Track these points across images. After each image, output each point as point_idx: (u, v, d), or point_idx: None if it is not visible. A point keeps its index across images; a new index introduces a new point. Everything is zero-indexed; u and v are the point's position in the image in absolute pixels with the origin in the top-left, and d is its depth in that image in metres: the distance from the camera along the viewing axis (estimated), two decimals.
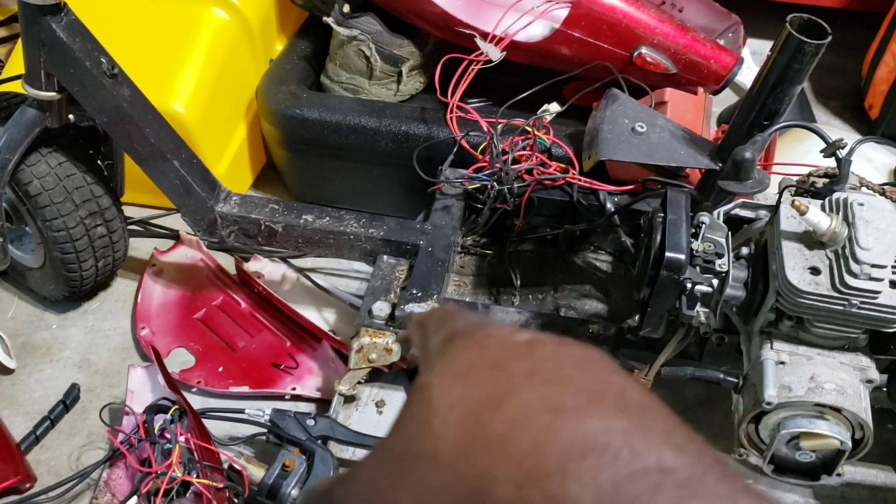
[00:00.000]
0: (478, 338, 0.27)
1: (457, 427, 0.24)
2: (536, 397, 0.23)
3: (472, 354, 0.26)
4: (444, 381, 0.25)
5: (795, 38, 0.82)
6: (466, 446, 0.23)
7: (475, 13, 1.48)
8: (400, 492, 0.24)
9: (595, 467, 0.21)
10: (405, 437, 0.26)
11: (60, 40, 1.03)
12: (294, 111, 1.43)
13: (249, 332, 1.31)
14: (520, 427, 0.23)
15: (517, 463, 0.22)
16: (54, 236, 1.20)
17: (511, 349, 0.26)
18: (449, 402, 0.24)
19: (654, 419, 0.23)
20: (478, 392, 0.24)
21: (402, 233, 1.19)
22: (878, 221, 0.80)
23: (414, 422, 0.25)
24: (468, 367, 0.25)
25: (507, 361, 0.25)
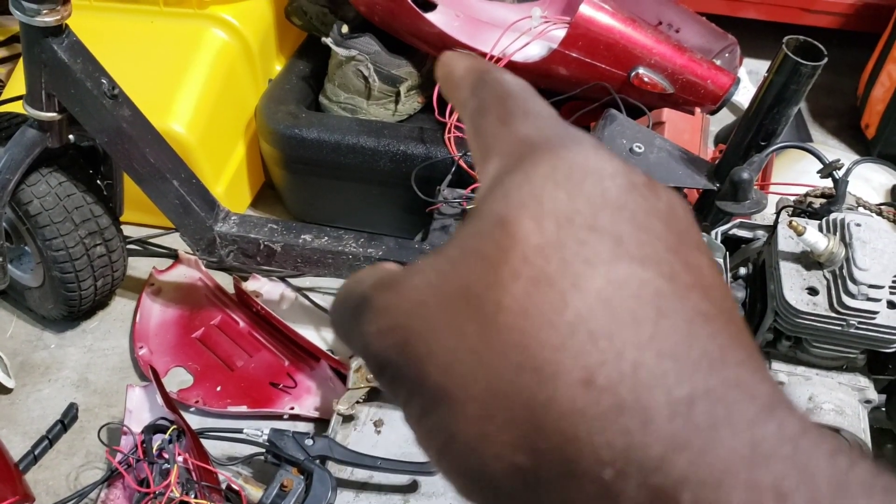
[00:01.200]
0: (568, 169, 0.22)
1: (527, 285, 0.20)
2: (619, 279, 0.20)
3: (561, 195, 0.22)
4: (524, 221, 0.21)
5: (792, 60, 0.83)
6: (534, 314, 0.20)
7: (473, 34, 1.50)
8: (453, 334, 0.21)
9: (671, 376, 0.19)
10: (465, 269, 0.22)
11: (62, 61, 1.03)
12: (293, 131, 1.43)
13: (248, 352, 1.31)
14: (596, 313, 0.20)
15: (586, 356, 0.19)
16: (53, 256, 1.20)
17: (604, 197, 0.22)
18: (524, 252, 0.21)
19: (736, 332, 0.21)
20: (559, 252, 0.21)
21: (400, 252, 1.20)
22: (875, 242, 0.80)
23: (479, 256, 0.22)
24: (553, 211, 0.21)
25: (598, 216, 0.21)
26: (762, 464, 0.18)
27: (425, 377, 0.22)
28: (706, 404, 0.19)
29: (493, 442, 0.20)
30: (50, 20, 0.99)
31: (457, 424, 0.21)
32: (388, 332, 0.23)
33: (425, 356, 0.22)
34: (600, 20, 1.35)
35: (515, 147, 0.24)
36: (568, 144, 0.23)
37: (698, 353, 0.19)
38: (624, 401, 0.19)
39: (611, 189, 0.22)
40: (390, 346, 0.23)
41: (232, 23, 1.50)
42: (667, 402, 0.19)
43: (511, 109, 0.26)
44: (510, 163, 0.24)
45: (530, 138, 0.24)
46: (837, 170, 0.88)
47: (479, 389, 0.21)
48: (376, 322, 0.23)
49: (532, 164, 0.23)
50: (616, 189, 0.22)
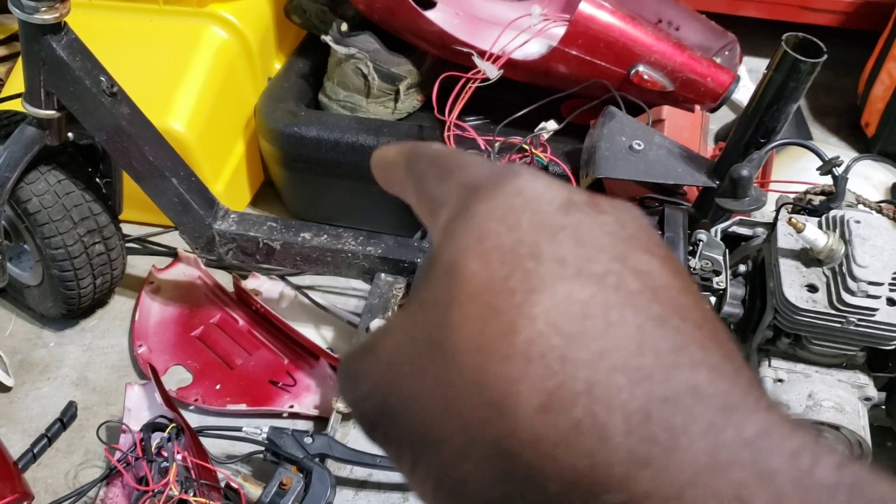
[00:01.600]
0: (507, 200, 0.23)
1: (477, 322, 0.21)
2: (565, 299, 0.20)
3: (502, 229, 0.22)
4: (469, 261, 0.22)
5: (791, 57, 0.83)
6: (487, 349, 0.20)
7: (472, 32, 1.49)
8: (422, 384, 0.22)
9: (625, 390, 0.19)
10: (425, 320, 0.23)
11: (60, 59, 1.03)
12: (292, 129, 1.43)
13: (247, 350, 1.31)
14: (546, 337, 0.20)
15: (541, 381, 0.19)
16: (52, 254, 1.20)
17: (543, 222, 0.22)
18: (471, 291, 0.22)
19: (691, 330, 0.20)
20: (504, 284, 0.21)
21: (399, 251, 1.20)
22: (874, 239, 0.80)
23: (434, 305, 0.23)
24: (496, 246, 0.22)
25: (538, 243, 0.22)
26: (722, 472, 0.18)
27: (406, 428, 0.23)
28: (662, 414, 0.19)
29: (470, 481, 0.21)
30: (49, 17, 0.99)
31: (439, 468, 0.22)
32: (369, 395, 0.24)
33: (403, 409, 0.23)
34: (600, 18, 1.35)
35: (458, 194, 0.25)
36: (506, 180, 0.24)
37: (650, 360, 0.19)
38: (580, 422, 0.19)
39: (549, 214, 0.22)
40: (373, 406, 0.24)
41: (231, 21, 1.50)
42: (622, 416, 0.19)
43: (446, 167, 0.27)
44: (455, 210, 0.24)
45: (469, 183, 0.25)
46: (837, 167, 0.88)
47: (450, 432, 0.21)
48: (359, 388, 0.25)
49: (474, 205, 0.23)
50: (555, 213, 0.23)
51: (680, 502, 0.18)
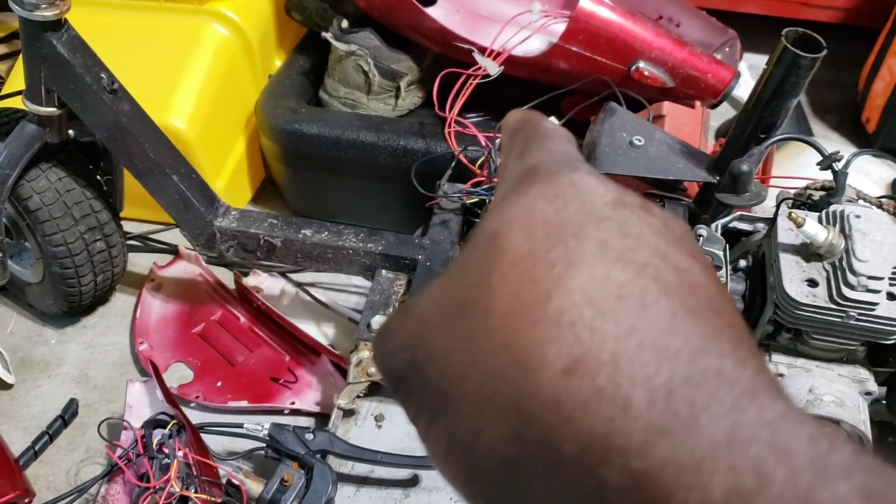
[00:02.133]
0: (559, 188, 0.24)
1: (514, 287, 0.22)
2: (603, 278, 0.21)
3: (550, 209, 0.23)
4: (513, 232, 0.23)
5: (791, 52, 0.83)
6: (520, 312, 0.21)
7: (473, 28, 1.49)
8: (451, 340, 0.23)
9: (651, 366, 0.19)
10: (462, 282, 0.24)
11: (61, 56, 1.03)
12: (293, 126, 1.43)
13: (248, 347, 1.31)
14: (578, 307, 0.20)
15: (568, 347, 0.20)
16: (53, 251, 1.20)
17: (591, 211, 0.23)
18: (513, 259, 0.22)
19: (722, 326, 0.21)
20: (545, 253, 0.22)
21: (400, 247, 1.20)
22: (874, 233, 0.80)
23: (474, 269, 0.23)
24: (542, 221, 0.23)
25: (585, 224, 0.22)
26: (742, 447, 0.18)
27: (428, 383, 0.23)
28: (685, 392, 0.19)
29: (484, 436, 0.21)
30: (49, 14, 0.99)
31: (455, 423, 0.22)
32: (399, 350, 0.25)
33: (427, 363, 0.24)
34: (600, 14, 1.34)
35: (518, 174, 0.26)
36: (564, 170, 0.25)
37: (679, 343, 0.20)
38: (604, 389, 0.19)
39: (598, 204, 0.23)
40: (401, 361, 0.25)
41: (232, 18, 1.50)
42: (646, 390, 0.19)
43: (529, 146, 0.28)
44: (511, 187, 0.25)
45: (533, 166, 0.26)
46: (837, 162, 0.88)
47: (471, 387, 0.22)
48: (390, 343, 0.26)
49: (528, 185, 0.25)
50: (604, 204, 0.23)
51: (699, 472, 0.18)
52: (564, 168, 0.25)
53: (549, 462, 0.20)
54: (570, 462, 0.19)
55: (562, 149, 0.28)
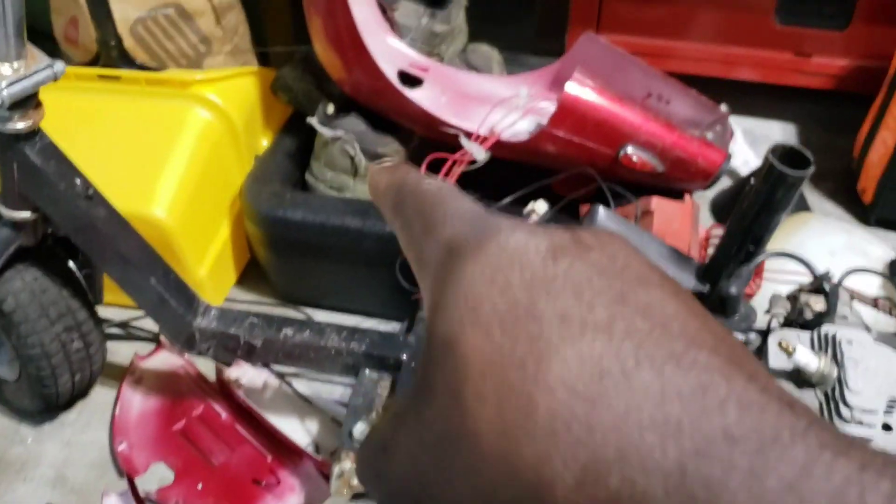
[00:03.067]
0: (491, 259, 0.22)
1: (494, 404, 0.20)
2: (577, 360, 0.19)
3: (495, 292, 0.21)
4: (468, 335, 0.21)
5: (777, 170, 0.80)
6: (510, 432, 0.20)
7: (459, 111, 1.48)
8: (450, 479, 0.21)
9: (657, 449, 0.18)
10: (439, 410, 0.22)
11: (34, 165, 1.01)
12: (277, 213, 1.41)
13: (230, 445, 1.27)
14: (567, 405, 0.19)
15: (572, 453, 0.19)
16: (29, 353, 1.17)
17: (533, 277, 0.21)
18: (480, 369, 0.21)
19: (708, 356, 0.19)
20: (511, 356, 0.20)
21: (384, 347, 1.16)
22: (867, 361, 0.77)
23: (445, 390, 0.22)
24: (492, 313, 0.21)
25: (535, 302, 0.21)
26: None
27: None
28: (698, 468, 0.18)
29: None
30: (22, 126, 0.97)
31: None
32: (399, 495, 0.24)
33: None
34: (587, 99, 1.33)
35: (440, 256, 0.24)
36: (488, 236, 0.23)
37: (677, 409, 0.19)
38: (619, 491, 0.18)
39: (538, 266, 0.22)
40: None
41: (216, 102, 1.48)
42: (660, 479, 0.18)
43: (431, 219, 0.26)
44: (440, 275, 0.24)
45: (452, 242, 0.24)
46: (827, 282, 0.85)
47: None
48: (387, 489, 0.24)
49: (459, 271, 0.23)
50: (543, 263, 0.22)
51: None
52: (484, 232, 0.23)
53: None
54: None
55: (464, 208, 0.26)
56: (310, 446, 1.26)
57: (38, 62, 0.93)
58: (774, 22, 1.90)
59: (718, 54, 1.96)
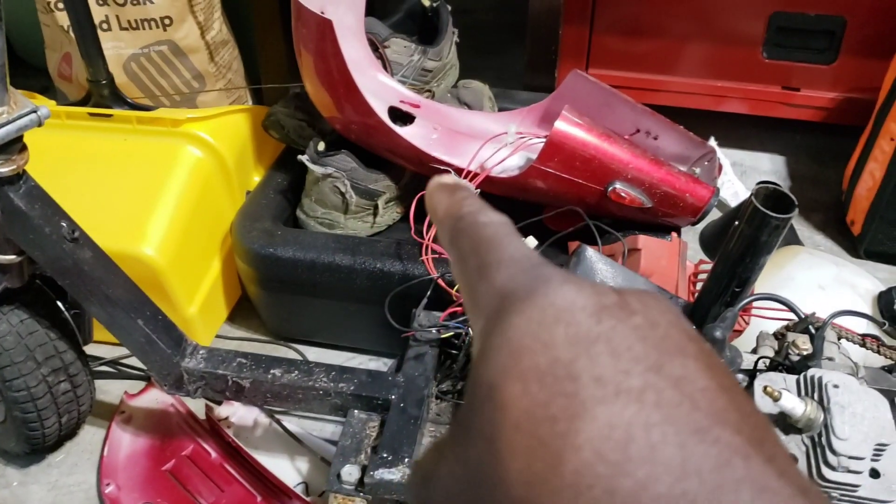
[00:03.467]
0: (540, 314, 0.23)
1: (524, 456, 0.21)
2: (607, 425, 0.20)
3: (538, 346, 0.22)
4: (509, 385, 0.22)
5: (761, 213, 0.81)
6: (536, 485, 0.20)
7: (450, 148, 1.48)
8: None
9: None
10: (475, 451, 0.23)
11: (18, 208, 1.01)
12: (267, 250, 1.41)
13: (219, 486, 1.26)
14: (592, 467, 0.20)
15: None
16: (14, 396, 1.16)
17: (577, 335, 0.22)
18: (515, 420, 0.22)
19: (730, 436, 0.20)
20: (546, 411, 0.21)
21: (373, 387, 1.16)
22: (854, 405, 0.77)
23: (482, 435, 0.23)
24: (533, 368, 0.22)
25: (575, 361, 0.22)
26: None
27: None
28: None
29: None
30: (5, 171, 0.97)
31: None
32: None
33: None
34: (576, 136, 1.33)
35: (493, 302, 0.25)
36: (538, 289, 0.24)
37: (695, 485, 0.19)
38: None
39: (583, 324, 0.22)
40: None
41: (207, 140, 1.49)
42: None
43: (485, 260, 0.27)
44: (491, 321, 0.25)
45: (504, 290, 0.25)
46: (813, 325, 0.85)
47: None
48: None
49: (508, 320, 0.24)
50: (588, 322, 0.23)
51: None
52: (537, 284, 0.24)
53: None
54: None
55: (519, 253, 0.27)
56: (299, 486, 1.25)
57: (22, 107, 0.93)
58: (762, 56, 1.92)
59: (707, 88, 1.98)
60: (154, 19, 1.81)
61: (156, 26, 1.82)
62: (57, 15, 1.82)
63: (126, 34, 1.82)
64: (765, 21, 1.86)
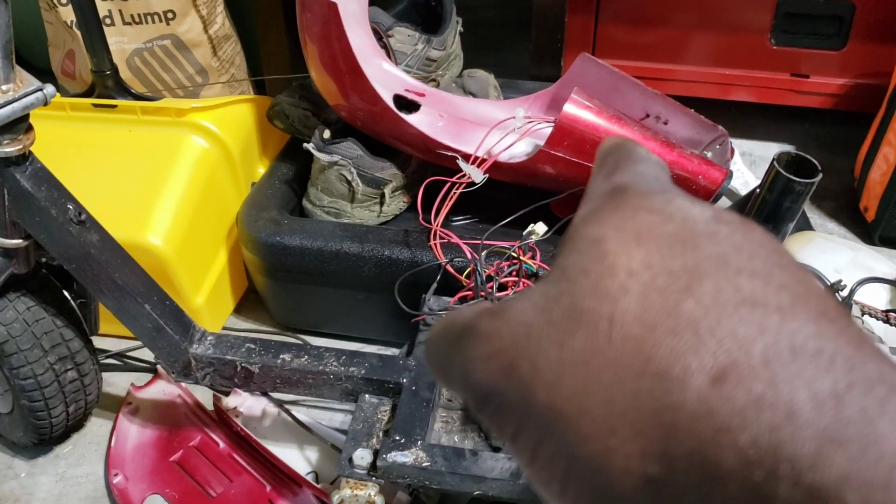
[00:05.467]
0: (655, 204, 0.23)
1: (639, 296, 0.20)
2: (732, 288, 0.19)
3: (653, 219, 0.22)
4: (622, 239, 0.21)
5: (784, 177, 0.79)
6: (650, 321, 0.19)
7: (457, 134, 1.47)
8: (563, 351, 0.21)
9: (809, 371, 0.18)
10: (572, 288, 0.21)
11: (25, 190, 0.99)
12: (274, 239, 1.39)
13: (228, 476, 1.24)
14: (715, 314, 0.19)
15: (712, 354, 0.18)
16: (21, 384, 1.15)
17: (696, 225, 0.22)
18: (629, 266, 0.21)
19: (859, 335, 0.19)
20: (663, 264, 0.20)
21: (384, 370, 1.14)
22: None
23: (585, 275, 0.21)
24: (649, 231, 0.21)
25: (696, 238, 0.21)
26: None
27: (533, 399, 0.21)
28: (854, 398, 0.18)
29: (619, 455, 0.19)
30: (11, 150, 0.95)
31: (576, 445, 0.20)
32: (493, 357, 0.23)
33: (533, 378, 0.21)
34: (585, 119, 1.32)
35: (607, 191, 0.25)
36: (655, 191, 0.24)
37: (831, 350, 0.18)
38: (762, 396, 0.18)
39: (700, 220, 0.22)
40: (496, 371, 0.22)
41: (212, 129, 1.47)
42: (810, 394, 0.18)
43: (620, 166, 0.27)
44: (600, 203, 0.24)
45: (623, 184, 0.25)
46: (839, 291, 0.83)
47: (594, 403, 0.20)
48: (481, 347, 0.23)
49: (620, 200, 0.23)
50: (705, 220, 0.22)
51: (888, 489, 0.16)
52: (655, 188, 0.24)
53: (703, 478, 0.18)
54: (729, 477, 0.18)
55: (652, 172, 0.26)
56: (310, 475, 1.23)
57: (28, 85, 0.92)
58: (770, 43, 1.90)
59: (715, 76, 1.96)
60: (157, 13, 1.80)
61: (159, 20, 1.81)
62: (60, 10, 1.81)
63: (129, 29, 1.81)
64: (772, 7, 1.85)
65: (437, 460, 1.00)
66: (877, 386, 0.18)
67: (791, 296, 0.20)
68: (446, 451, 1.02)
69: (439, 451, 1.02)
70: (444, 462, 1.00)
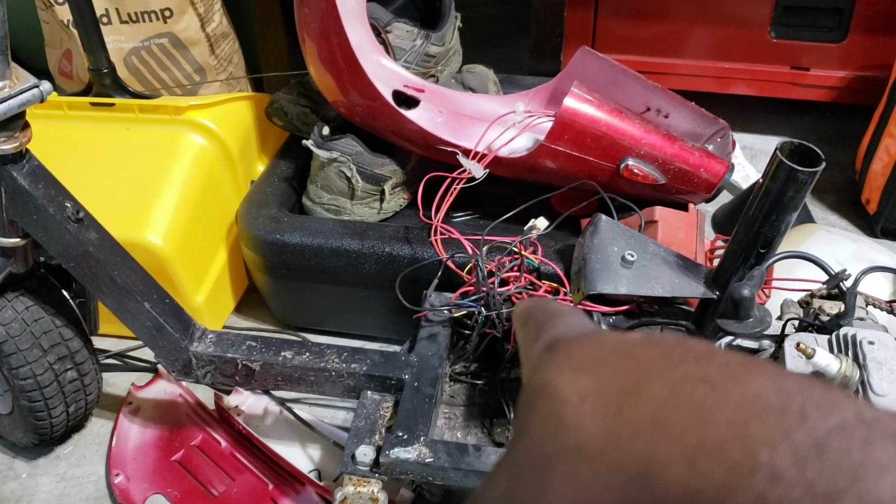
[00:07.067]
0: (587, 337, 0.24)
1: (595, 416, 0.21)
2: (680, 375, 0.20)
3: (589, 350, 0.23)
4: (565, 375, 0.23)
5: (787, 166, 0.78)
6: (613, 433, 0.20)
7: (456, 129, 1.46)
8: (545, 496, 0.21)
9: (782, 427, 0.18)
10: (534, 441, 0.23)
11: (22, 188, 0.99)
12: (274, 236, 1.38)
13: (230, 475, 1.23)
14: (671, 404, 0.19)
15: (680, 440, 0.19)
16: (20, 385, 1.14)
17: (631, 342, 0.23)
18: (578, 394, 0.22)
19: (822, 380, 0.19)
20: (609, 381, 0.21)
21: (386, 367, 1.13)
22: (890, 362, 0.74)
23: (541, 422, 0.23)
24: (590, 360, 0.23)
25: (634, 350, 0.22)
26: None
27: None
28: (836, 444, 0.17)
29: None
30: (8, 148, 0.94)
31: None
32: None
33: None
34: (585, 112, 1.31)
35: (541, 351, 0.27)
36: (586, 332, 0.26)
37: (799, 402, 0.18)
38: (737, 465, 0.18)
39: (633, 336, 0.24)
40: None
41: (210, 127, 1.46)
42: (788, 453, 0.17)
43: (545, 326, 0.29)
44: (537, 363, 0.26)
45: (554, 337, 0.27)
46: (843, 280, 0.83)
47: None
48: None
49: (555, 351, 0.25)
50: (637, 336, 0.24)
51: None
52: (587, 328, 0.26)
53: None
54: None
55: (574, 319, 0.29)
56: (312, 473, 1.22)
57: (24, 82, 0.91)
58: (770, 36, 1.89)
59: (715, 70, 1.95)
60: (154, 11, 1.79)
61: (156, 18, 1.80)
62: (57, 10, 1.80)
63: (126, 27, 1.81)
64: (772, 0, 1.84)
65: (441, 456, 1.00)
66: (857, 428, 0.18)
67: (740, 367, 0.20)
68: (449, 446, 1.01)
69: (442, 447, 1.01)
70: (447, 458, 0.99)
